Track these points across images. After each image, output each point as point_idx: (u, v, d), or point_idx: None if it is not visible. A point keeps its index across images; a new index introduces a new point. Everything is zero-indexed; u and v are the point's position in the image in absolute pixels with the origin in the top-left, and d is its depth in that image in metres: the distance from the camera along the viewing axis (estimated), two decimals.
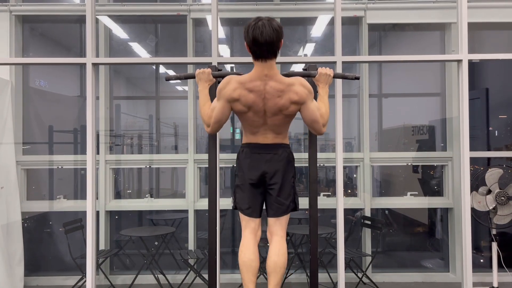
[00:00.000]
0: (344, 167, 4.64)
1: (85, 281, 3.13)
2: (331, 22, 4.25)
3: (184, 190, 4.38)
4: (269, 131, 2.23)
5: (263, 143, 2.24)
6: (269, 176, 2.23)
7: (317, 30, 4.69)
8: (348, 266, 3.85)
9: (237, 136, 4.75)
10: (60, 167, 4.39)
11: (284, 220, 2.31)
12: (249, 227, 2.30)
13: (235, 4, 4.46)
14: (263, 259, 2.78)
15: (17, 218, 3.98)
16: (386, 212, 4.66)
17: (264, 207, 2.36)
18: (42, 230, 4.51)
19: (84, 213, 3.08)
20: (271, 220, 2.32)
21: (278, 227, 2.30)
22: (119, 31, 4.63)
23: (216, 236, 2.78)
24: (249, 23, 2.11)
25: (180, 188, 4.73)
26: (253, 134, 2.25)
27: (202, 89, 2.39)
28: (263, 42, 2.05)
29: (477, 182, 3.65)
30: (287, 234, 2.36)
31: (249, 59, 2.20)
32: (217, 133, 2.71)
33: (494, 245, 3.66)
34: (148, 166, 4.65)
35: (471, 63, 3.30)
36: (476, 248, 4.50)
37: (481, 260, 4.45)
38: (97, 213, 4.18)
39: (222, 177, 4.85)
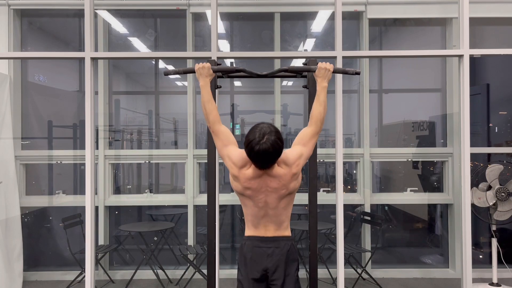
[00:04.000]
0: (344, 163, 4.63)
1: (84, 276, 3.13)
2: (332, 17, 4.23)
3: (184, 186, 4.37)
4: (270, 223, 2.18)
5: (265, 236, 2.19)
6: (271, 272, 2.17)
7: (318, 25, 4.66)
8: (347, 262, 3.85)
9: (237, 132, 4.74)
10: (59, 162, 4.38)
11: None
12: None
13: None
14: None
15: (16, 213, 3.98)
16: (386, 208, 4.65)
17: None
18: (41, 225, 4.51)
19: (83, 208, 3.07)
20: None
21: None
22: (118, 26, 4.60)
23: (216, 232, 2.77)
24: (251, 137, 1.99)
25: (179, 184, 4.72)
26: (255, 226, 2.21)
27: (204, 85, 2.35)
28: (264, 157, 1.99)
29: (477, 178, 3.64)
30: None
31: (248, 53, 2.18)
32: None
33: (494, 241, 3.66)
34: (147, 162, 4.64)
35: (472, 59, 3.28)
36: (475, 244, 4.50)
37: (481, 256, 4.45)
38: (96, 208, 4.18)
39: (221, 173, 4.84)
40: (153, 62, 4.82)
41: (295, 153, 2.13)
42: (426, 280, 4.22)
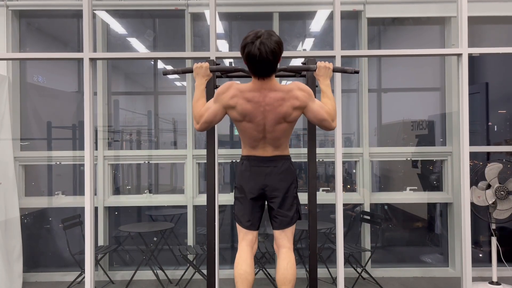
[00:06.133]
0: (343, 162, 4.63)
1: (84, 277, 3.12)
2: (330, 17, 4.23)
3: (183, 186, 4.37)
4: (268, 145, 2.18)
5: (263, 156, 2.20)
6: (270, 190, 2.19)
7: (316, 24, 4.66)
8: (347, 261, 3.85)
9: (236, 132, 4.73)
10: (58, 163, 4.38)
11: (289, 231, 2.28)
12: (246, 239, 2.27)
13: None
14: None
15: (15, 214, 3.97)
16: (386, 207, 4.65)
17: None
18: (40, 226, 4.50)
19: (83, 209, 3.07)
20: (276, 233, 2.28)
21: (284, 239, 2.27)
22: (117, 26, 4.59)
23: (215, 232, 2.77)
24: (247, 40, 2.00)
25: (179, 184, 4.72)
26: (253, 147, 2.21)
27: (199, 84, 2.35)
28: (261, 61, 1.98)
29: (476, 177, 3.64)
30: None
31: None
32: (215, 128, 2.70)
33: (494, 240, 3.66)
34: (147, 162, 4.63)
35: (471, 57, 3.28)
36: (475, 243, 4.50)
37: (480, 255, 4.45)
38: (96, 209, 4.17)
39: (221, 173, 4.85)
40: (152, 62, 4.81)
41: (308, 88, 2.14)
42: (426, 279, 4.22)
